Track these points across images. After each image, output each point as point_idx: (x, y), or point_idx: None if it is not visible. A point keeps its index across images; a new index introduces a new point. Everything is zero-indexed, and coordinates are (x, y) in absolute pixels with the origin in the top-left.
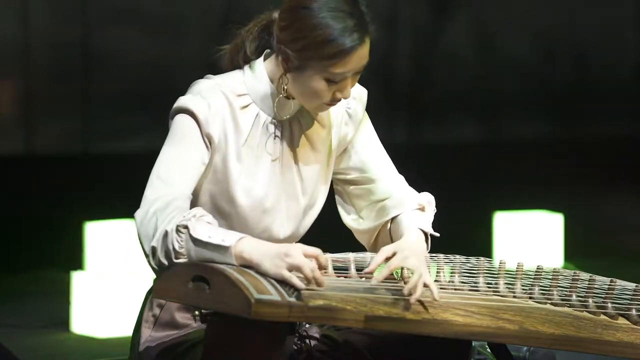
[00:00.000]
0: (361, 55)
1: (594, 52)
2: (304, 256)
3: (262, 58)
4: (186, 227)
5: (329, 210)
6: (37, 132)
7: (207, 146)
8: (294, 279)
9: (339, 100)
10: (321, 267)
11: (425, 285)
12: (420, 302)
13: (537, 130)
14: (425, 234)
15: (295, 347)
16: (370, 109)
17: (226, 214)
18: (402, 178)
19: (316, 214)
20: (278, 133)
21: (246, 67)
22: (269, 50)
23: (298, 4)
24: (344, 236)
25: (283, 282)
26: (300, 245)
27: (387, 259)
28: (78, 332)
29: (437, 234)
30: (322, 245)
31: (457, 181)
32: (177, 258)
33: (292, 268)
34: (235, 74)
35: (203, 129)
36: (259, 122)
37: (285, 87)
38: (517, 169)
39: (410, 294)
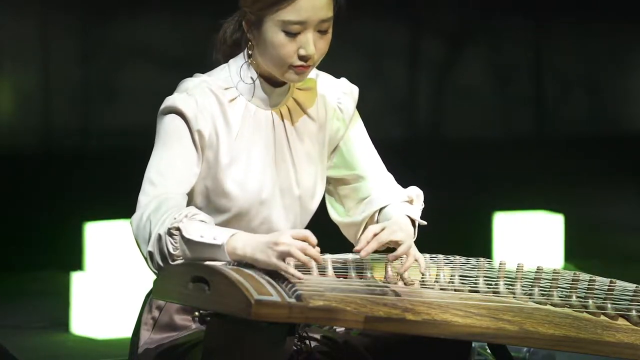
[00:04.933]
0: (314, 3)
1: None
2: (295, 239)
3: (244, 52)
4: (178, 228)
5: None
6: (37, 132)
7: (197, 144)
8: (291, 268)
9: (306, 61)
10: (312, 246)
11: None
12: (419, 303)
13: (537, 130)
14: (413, 222)
15: (295, 348)
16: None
17: (223, 209)
18: (391, 176)
19: (316, 204)
20: (268, 124)
21: (231, 61)
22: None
23: None
24: (343, 237)
25: (283, 281)
26: (289, 230)
27: (375, 235)
28: (78, 332)
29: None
30: (322, 245)
31: (457, 182)
32: (173, 260)
33: (284, 256)
34: (220, 70)
35: (192, 127)
36: (248, 114)
37: (250, 52)
38: (517, 169)
39: (398, 288)
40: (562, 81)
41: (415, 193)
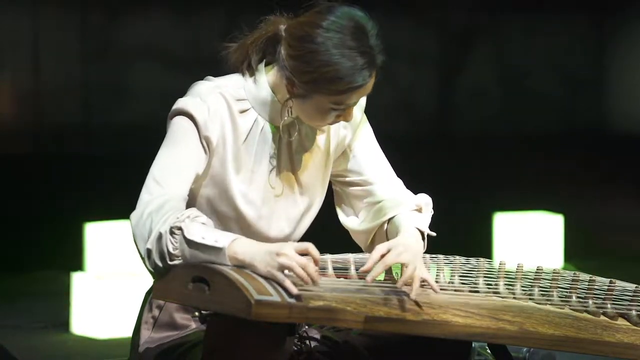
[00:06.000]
0: (368, 88)
1: None
2: (296, 252)
3: (263, 65)
4: (180, 228)
5: (329, 210)
6: (37, 132)
7: (204, 149)
8: (287, 281)
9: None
10: (315, 261)
11: (422, 282)
12: (420, 303)
13: (538, 130)
14: (422, 233)
15: (295, 348)
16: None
17: (224, 217)
18: (399, 181)
19: (313, 216)
20: (276, 137)
21: (248, 74)
22: (270, 58)
23: (308, 36)
24: (343, 237)
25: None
26: (291, 243)
27: (382, 256)
28: (78, 332)
29: (434, 234)
30: (322, 245)
31: (458, 182)
32: (171, 260)
33: (283, 268)
34: (235, 78)
35: (201, 132)
36: (257, 127)
37: (291, 110)
38: (518, 169)
39: (404, 288)
40: (565, 81)
41: (425, 201)
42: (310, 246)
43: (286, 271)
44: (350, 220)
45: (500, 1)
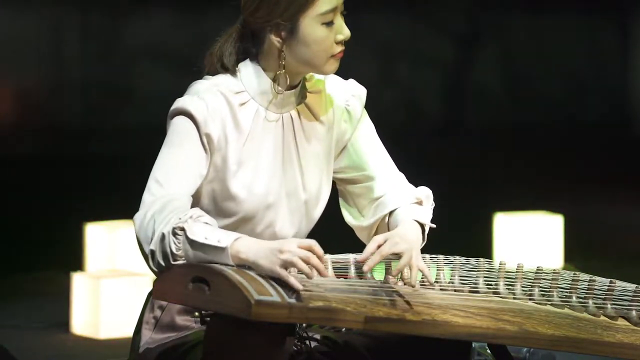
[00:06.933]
0: None
1: None
2: (299, 248)
3: (249, 60)
4: (182, 229)
5: (329, 210)
6: (38, 133)
7: (206, 147)
8: (291, 278)
9: (343, 45)
10: (319, 258)
11: (422, 281)
12: (413, 304)
13: (539, 129)
14: (422, 225)
15: (295, 348)
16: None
17: (229, 212)
18: (402, 175)
19: (320, 210)
20: (278, 128)
21: (240, 66)
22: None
23: None
24: (343, 236)
25: (282, 282)
26: (294, 239)
27: (379, 247)
28: (78, 333)
29: (434, 225)
30: (322, 245)
31: (458, 182)
32: (175, 260)
33: (287, 265)
34: (230, 75)
35: (202, 130)
36: (258, 118)
37: (284, 63)
38: (518, 169)
39: (402, 287)
40: (567, 80)
41: (425, 194)
42: (313, 243)
43: (292, 269)
44: (355, 218)
45: (509, 1)
